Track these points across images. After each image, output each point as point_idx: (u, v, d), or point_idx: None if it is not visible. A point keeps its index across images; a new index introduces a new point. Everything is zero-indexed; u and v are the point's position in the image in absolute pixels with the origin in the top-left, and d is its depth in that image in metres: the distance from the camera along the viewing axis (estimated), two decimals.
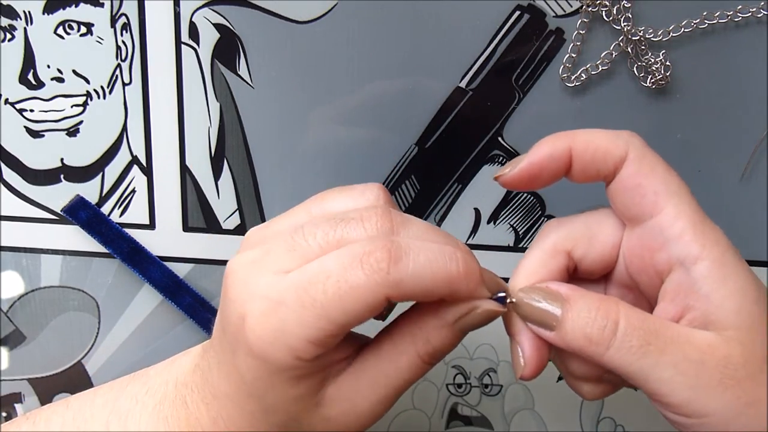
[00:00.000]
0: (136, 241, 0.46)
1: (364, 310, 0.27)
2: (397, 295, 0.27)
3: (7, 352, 0.49)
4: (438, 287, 0.27)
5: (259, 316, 0.28)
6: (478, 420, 0.49)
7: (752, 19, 0.41)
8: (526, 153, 0.30)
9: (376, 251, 0.26)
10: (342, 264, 0.27)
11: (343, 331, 0.27)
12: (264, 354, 0.28)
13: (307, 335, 0.27)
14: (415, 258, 0.27)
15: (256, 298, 0.28)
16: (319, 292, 0.27)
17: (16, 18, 0.44)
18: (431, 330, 0.29)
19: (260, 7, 0.43)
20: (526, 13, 0.42)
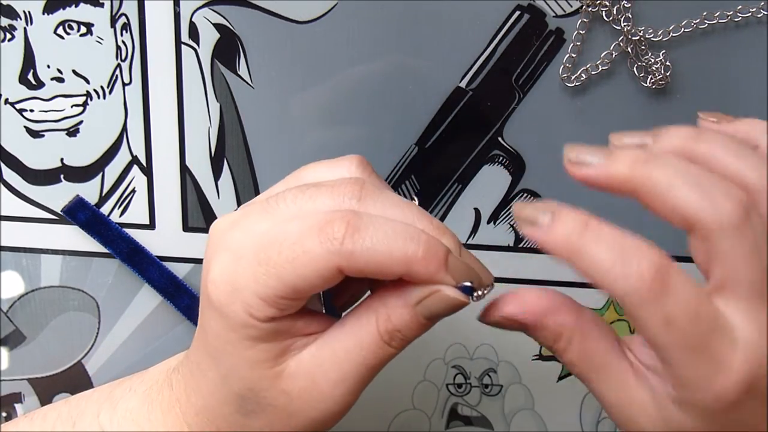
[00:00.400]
0: (135, 242, 0.46)
1: (315, 277, 0.27)
2: (348, 267, 0.27)
3: (7, 352, 0.49)
4: (393, 266, 0.27)
5: (220, 267, 0.29)
6: (478, 420, 0.49)
7: (752, 19, 0.41)
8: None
9: (335, 221, 0.27)
10: (301, 229, 0.27)
11: (295, 294, 0.27)
12: (220, 306, 0.28)
13: (259, 292, 0.27)
14: (374, 233, 0.27)
15: (222, 251, 0.29)
16: (275, 252, 0.27)
17: (16, 18, 0.44)
18: (393, 308, 0.28)
19: (260, 7, 0.43)
20: (526, 13, 0.42)
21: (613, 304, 0.46)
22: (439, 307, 0.28)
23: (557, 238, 0.27)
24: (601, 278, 0.26)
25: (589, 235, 0.26)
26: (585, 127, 0.43)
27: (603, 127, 0.43)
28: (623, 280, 0.25)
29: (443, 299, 0.28)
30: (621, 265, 0.25)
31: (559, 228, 0.27)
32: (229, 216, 0.31)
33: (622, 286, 0.25)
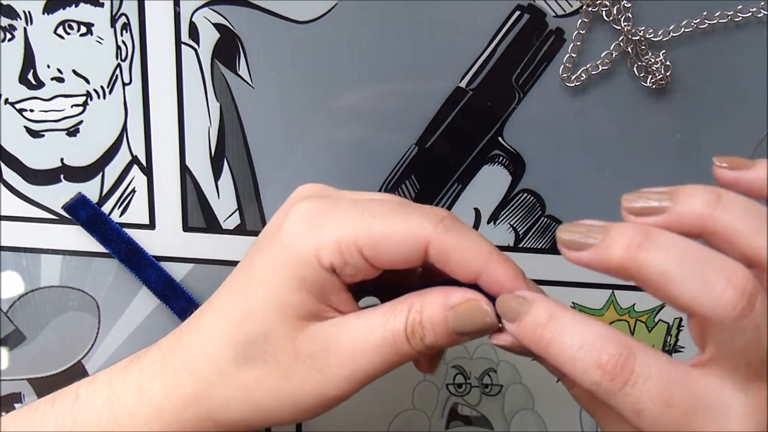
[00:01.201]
0: (135, 243, 0.46)
1: (401, 241, 0.27)
2: (437, 245, 0.27)
3: (7, 352, 0.49)
4: (479, 257, 0.28)
5: (307, 206, 0.29)
6: (478, 420, 0.49)
7: (752, 19, 0.41)
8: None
9: (437, 210, 0.28)
10: (406, 202, 0.29)
11: (374, 251, 0.27)
12: (290, 237, 0.28)
13: (340, 233, 0.27)
14: (466, 228, 0.28)
15: (313, 196, 0.30)
16: (377, 206, 0.28)
17: (16, 18, 0.44)
18: (429, 303, 0.28)
19: (260, 7, 0.43)
20: (526, 13, 0.42)
21: (612, 304, 0.46)
22: (470, 319, 0.28)
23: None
24: (569, 369, 0.25)
25: (554, 324, 0.26)
26: (585, 127, 0.43)
27: (603, 127, 0.43)
28: (585, 371, 0.25)
29: (477, 310, 0.28)
30: (584, 354, 0.25)
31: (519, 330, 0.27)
32: (319, 184, 0.32)
33: (587, 379, 0.25)
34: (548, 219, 0.45)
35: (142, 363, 0.32)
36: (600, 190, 0.44)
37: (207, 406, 0.30)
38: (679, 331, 0.46)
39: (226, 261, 0.47)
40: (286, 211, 0.30)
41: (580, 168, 0.44)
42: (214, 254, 0.47)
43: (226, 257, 0.47)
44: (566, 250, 0.26)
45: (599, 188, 0.44)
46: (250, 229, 0.46)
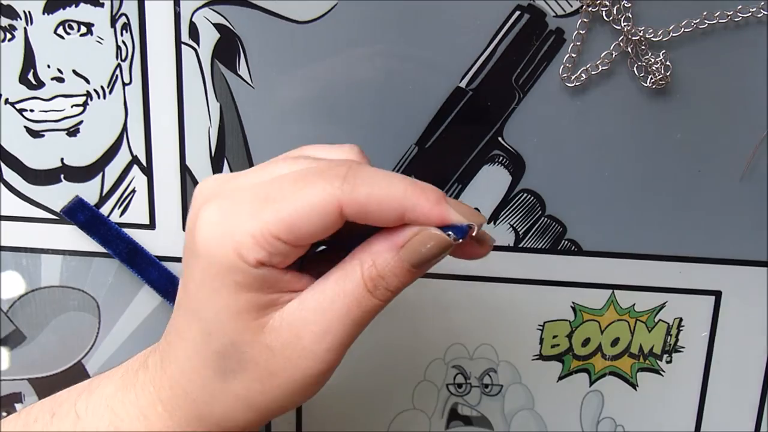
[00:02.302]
0: (135, 242, 0.46)
1: (314, 212, 0.27)
2: (349, 204, 0.27)
3: (7, 352, 0.49)
4: (395, 201, 0.27)
5: (213, 210, 0.28)
6: (478, 420, 0.49)
7: (752, 19, 0.41)
8: None
9: (338, 165, 0.28)
10: (303, 172, 0.28)
11: (291, 234, 0.27)
12: (208, 249, 0.28)
13: (253, 229, 0.27)
14: (374, 174, 0.27)
15: (215, 197, 0.29)
16: (276, 189, 0.27)
17: (16, 18, 0.44)
18: (378, 253, 0.28)
19: (260, 7, 0.43)
20: (526, 13, 0.42)
21: (612, 304, 0.46)
22: (425, 248, 0.28)
23: None
24: None
25: None
26: (585, 127, 0.43)
27: (603, 127, 0.43)
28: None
29: (429, 237, 0.27)
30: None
31: None
32: (219, 175, 0.31)
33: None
34: (548, 219, 0.45)
35: (135, 384, 0.32)
36: (600, 190, 0.44)
37: (212, 422, 0.30)
38: (679, 331, 0.46)
39: None
40: (195, 217, 0.29)
41: (580, 168, 0.44)
42: None
43: None
44: None
45: (599, 188, 0.44)
46: None
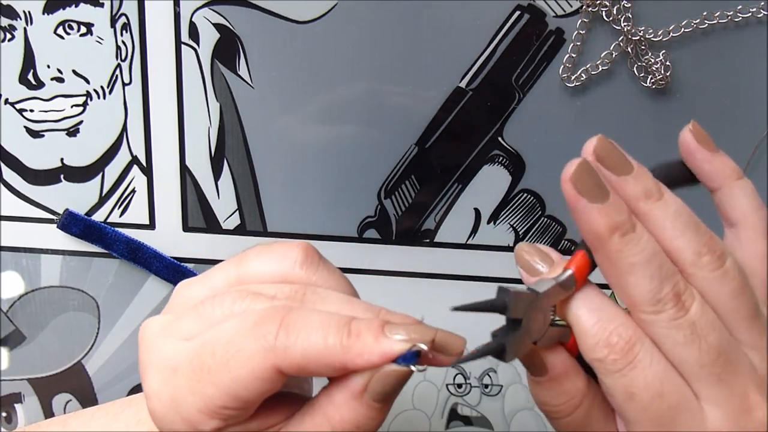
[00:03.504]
0: (133, 240, 0.46)
1: (252, 379, 0.25)
2: (286, 364, 0.25)
3: (7, 352, 0.49)
4: (329, 357, 0.25)
5: (156, 386, 0.27)
6: (478, 420, 0.49)
7: (752, 19, 0.41)
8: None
9: (268, 318, 0.26)
10: (236, 329, 0.26)
11: (235, 402, 0.26)
12: (164, 423, 0.27)
13: (199, 405, 0.26)
14: (308, 324, 0.26)
15: (155, 367, 0.27)
16: (209, 355, 0.26)
17: (16, 18, 0.44)
18: (342, 405, 0.26)
19: (260, 7, 0.43)
20: (526, 13, 0.42)
21: None
22: (386, 384, 0.26)
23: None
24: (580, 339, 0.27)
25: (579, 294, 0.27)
26: (585, 127, 0.43)
27: (603, 127, 0.43)
28: (594, 347, 0.26)
29: (386, 376, 0.26)
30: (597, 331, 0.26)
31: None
32: (160, 319, 0.29)
33: (592, 354, 0.26)
34: (548, 219, 0.45)
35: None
36: None
37: None
38: None
39: None
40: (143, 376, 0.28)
41: None
42: (214, 254, 0.47)
43: (226, 257, 0.47)
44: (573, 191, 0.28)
45: None
46: (250, 229, 0.46)
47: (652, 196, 0.28)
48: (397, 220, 0.45)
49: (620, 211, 0.26)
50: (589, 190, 0.27)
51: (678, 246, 0.27)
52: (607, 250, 0.26)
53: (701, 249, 0.27)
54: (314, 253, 0.29)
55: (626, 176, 0.28)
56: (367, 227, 0.46)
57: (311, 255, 0.29)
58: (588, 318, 0.27)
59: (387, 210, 0.45)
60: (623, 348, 0.26)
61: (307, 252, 0.29)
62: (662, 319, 0.26)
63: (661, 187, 0.28)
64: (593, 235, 0.26)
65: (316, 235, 0.46)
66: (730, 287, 0.26)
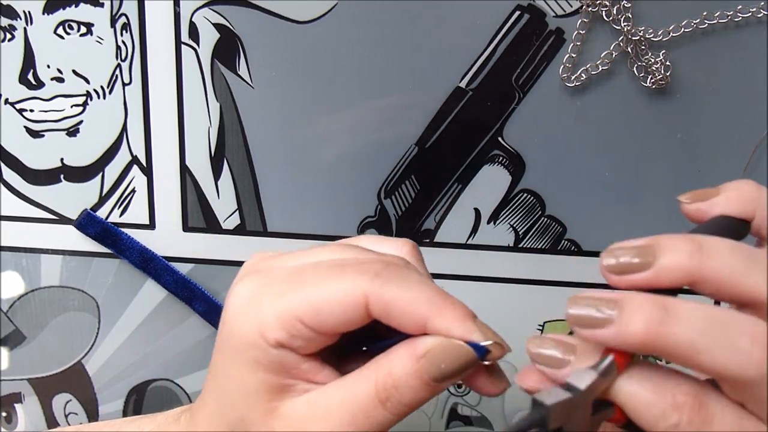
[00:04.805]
0: (147, 250, 0.46)
1: (341, 303, 0.26)
2: (377, 301, 0.26)
3: (7, 352, 0.49)
4: (422, 307, 0.26)
5: (246, 285, 0.28)
6: (478, 420, 0.49)
7: (752, 19, 0.41)
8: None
9: (375, 261, 0.27)
10: (342, 261, 0.27)
11: (315, 319, 0.26)
12: (233, 322, 0.28)
13: (278, 308, 0.27)
14: (407, 277, 0.27)
15: (252, 272, 0.29)
16: (310, 273, 0.27)
17: (16, 18, 0.44)
18: (396, 360, 0.26)
19: (260, 7, 0.43)
20: (526, 13, 0.42)
21: None
22: (445, 360, 0.26)
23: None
24: (643, 414, 0.25)
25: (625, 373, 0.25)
26: (585, 127, 0.43)
27: (603, 127, 0.43)
28: (662, 415, 0.24)
29: (450, 348, 0.26)
30: (659, 398, 0.24)
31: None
32: (268, 252, 0.31)
33: (664, 422, 0.24)
34: (548, 219, 0.45)
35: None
36: (600, 190, 0.44)
37: None
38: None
39: (226, 261, 0.47)
40: (231, 289, 0.29)
41: (580, 168, 0.44)
42: (214, 254, 0.47)
43: (226, 257, 0.47)
44: (580, 329, 0.25)
45: (599, 188, 0.44)
46: (250, 229, 0.46)
47: (694, 252, 0.25)
48: (397, 220, 0.45)
49: (643, 307, 0.24)
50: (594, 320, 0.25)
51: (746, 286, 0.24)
52: (658, 347, 0.24)
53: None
54: (419, 250, 0.31)
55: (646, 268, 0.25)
56: (367, 227, 0.46)
57: (417, 251, 0.31)
58: (643, 390, 0.24)
59: (387, 210, 0.45)
60: (694, 405, 0.24)
61: (415, 247, 0.31)
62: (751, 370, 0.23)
63: (698, 239, 0.25)
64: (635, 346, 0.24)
65: (316, 235, 0.46)
66: None
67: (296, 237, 0.46)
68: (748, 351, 0.23)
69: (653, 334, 0.23)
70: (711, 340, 0.23)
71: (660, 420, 0.24)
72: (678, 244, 0.25)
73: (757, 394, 0.24)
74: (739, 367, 0.23)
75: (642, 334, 0.23)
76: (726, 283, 0.24)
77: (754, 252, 0.25)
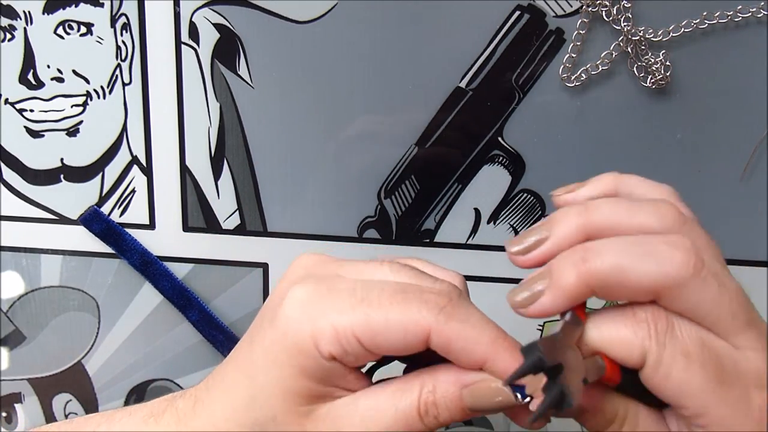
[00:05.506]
0: (148, 253, 0.46)
1: (401, 330, 0.26)
2: (438, 335, 0.26)
3: (7, 352, 0.49)
4: (482, 345, 0.27)
5: (306, 289, 0.28)
6: (478, 420, 0.49)
7: (752, 19, 0.41)
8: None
9: (440, 294, 0.27)
10: (405, 287, 0.28)
11: (372, 340, 0.27)
12: (288, 324, 0.28)
13: (338, 323, 0.27)
14: (471, 313, 0.27)
15: (311, 277, 0.29)
16: (374, 294, 0.27)
17: (16, 18, 0.44)
18: (441, 382, 0.28)
19: (260, 7, 0.43)
20: (526, 13, 0.42)
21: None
22: (486, 398, 0.27)
23: None
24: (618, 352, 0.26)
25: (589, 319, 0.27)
26: (585, 127, 0.43)
27: (603, 127, 0.43)
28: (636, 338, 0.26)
29: (494, 390, 0.27)
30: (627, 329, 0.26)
31: None
32: (323, 255, 0.31)
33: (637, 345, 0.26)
34: None
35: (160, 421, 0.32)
36: None
37: None
38: None
39: (226, 261, 0.47)
40: (284, 290, 0.29)
41: (580, 168, 0.44)
42: (214, 254, 0.47)
43: (226, 257, 0.47)
44: (524, 310, 0.27)
45: None
46: (250, 229, 0.46)
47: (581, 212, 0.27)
48: (397, 220, 0.45)
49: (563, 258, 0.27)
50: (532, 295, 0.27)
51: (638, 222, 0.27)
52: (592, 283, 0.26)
53: None
54: (466, 285, 0.32)
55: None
56: (367, 227, 0.46)
57: (465, 284, 0.32)
58: (607, 321, 0.26)
59: (387, 210, 0.45)
60: (655, 316, 0.26)
61: (464, 280, 0.32)
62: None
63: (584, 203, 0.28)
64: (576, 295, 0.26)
65: (316, 235, 0.46)
66: None
67: (296, 237, 0.46)
68: (669, 256, 0.25)
69: (583, 274, 0.25)
70: (633, 257, 0.25)
71: (633, 339, 0.26)
72: (567, 211, 0.27)
73: (692, 297, 0.25)
74: (666, 272, 0.25)
75: (574, 278, 0.25)
76: (616, 227, 0.26)
77: (633, 201, 0.27)
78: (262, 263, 0.47)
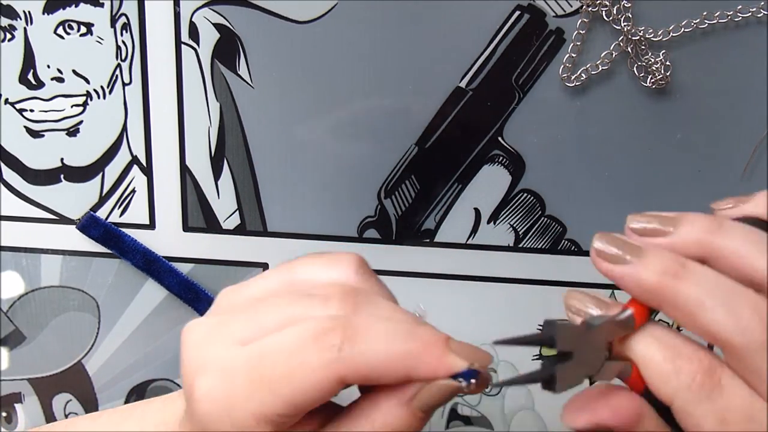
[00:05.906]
0: (150, 252, 0.46)
1: (315, 390, 0.26)
2: (351, 375, 0.25)
3: (7, 352, 0.49)
4: (397, 366, 0.26)
5: (208, 388, 0.27)
6: (478, 420, 0.49)
7: (752, 19, 0.41)
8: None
9: (331, 329, 0.26)
10: (296, 340, 0.26)
11: (294, 410, 0.26)
12: (213, 424, 0.27)
13: (254, 410, 0.26)
14: (373, 336, 0.26)
15: (207, 370, 0.27)
16: (269, 367, 0.26)
17: (16, 18, 0.44)
18: (388, 410, 0.27)
19: (260, 7, 0.43)
20: (526, 13, 0.42)
21: None
22: (435, 398, 0.26)
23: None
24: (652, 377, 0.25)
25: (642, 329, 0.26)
26: (585, 127, 0.43)
27: (603, 127, 0.43)
28: (675, 379, 0.25)
29: (439, 389, 0.26)
30: (672, 364, 0.25)
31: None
32: (206, 321, 0.29)
33: (673, 385, 0.25)
34: (548, 219, 0.45)
35: None
36: (600, 190, 0.44)
37: None
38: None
39: (226, 261, 0.47)
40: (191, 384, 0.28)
41: (580, 168, 0.44)
42: (214, 254, 0.47)
43: (226, 257, 0.47)
44: (600, 260, 0.26)
45: (599, 188, 0.44)
46: (250, 229, 0.46)
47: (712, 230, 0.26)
48: (397, 220, 0.45)
49: (662, 258, 0.25)
50: (615, 256, 0.26)
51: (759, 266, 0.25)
52: (666, 297, 0.25)
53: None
54: (366, 263, 0.30)
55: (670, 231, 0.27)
56: (367, 227, 0.46)
57: (363, 265, 0.30)
58: (659, 345, 0.25)
59: (387, 210, 0.45)
60: (708, 369, 0.25)
61: (360, 262, 0.30)
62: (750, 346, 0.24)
63: (720, 219, 0.26)
64: (645, 290, 0.25)
65: (316, 235, 0.46)
66: None
67: (296, 237, 0.46)
68: (747, 318, 0.24)
69: (665, 284, 0.25)
70: (717, 301, 0.24)
71: (672, 376, 0.25)
72: (699, 219, 0.26)
73: (749, 364, 0.24)
74: (735, 331, 0.24)
75: (655, 281, 0.25)
76: (736, 263, 0.25)
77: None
78: (262, 263, 0.47)
